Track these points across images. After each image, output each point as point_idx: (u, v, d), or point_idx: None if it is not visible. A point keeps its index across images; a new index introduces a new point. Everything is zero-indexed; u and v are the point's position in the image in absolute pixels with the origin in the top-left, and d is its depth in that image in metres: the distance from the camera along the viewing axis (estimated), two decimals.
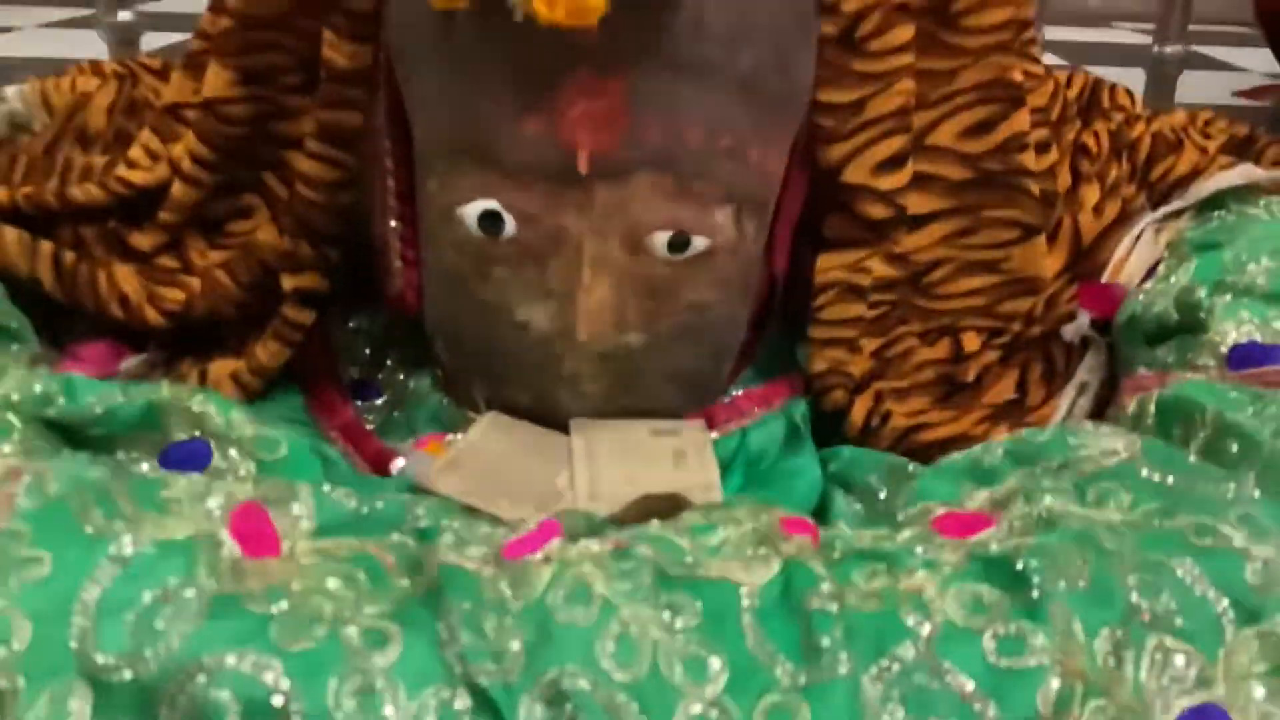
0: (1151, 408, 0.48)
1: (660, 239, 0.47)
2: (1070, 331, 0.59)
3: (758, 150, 0.48)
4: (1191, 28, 0.98)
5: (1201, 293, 0.52)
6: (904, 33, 0.53)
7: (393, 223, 0.54)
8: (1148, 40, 1.03)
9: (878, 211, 0.55)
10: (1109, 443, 0.44)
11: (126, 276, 0.58)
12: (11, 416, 0.42)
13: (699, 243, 0.47)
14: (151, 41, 0.98)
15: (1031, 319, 0.60)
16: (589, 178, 0.45)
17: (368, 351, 0.60)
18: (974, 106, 0.58)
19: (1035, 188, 0.59)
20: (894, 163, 0.55)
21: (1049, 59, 1.08)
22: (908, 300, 0.59)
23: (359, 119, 0.52)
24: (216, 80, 0.57)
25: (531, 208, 0.46)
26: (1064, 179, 0.72)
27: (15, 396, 0.41)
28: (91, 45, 0.98)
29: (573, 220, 0.46)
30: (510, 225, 0.46)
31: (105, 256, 0.60)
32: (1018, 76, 0.58)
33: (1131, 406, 0.49)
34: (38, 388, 0.42)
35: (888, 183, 0.55)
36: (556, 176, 0.45)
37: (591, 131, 0.44)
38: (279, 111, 0.58)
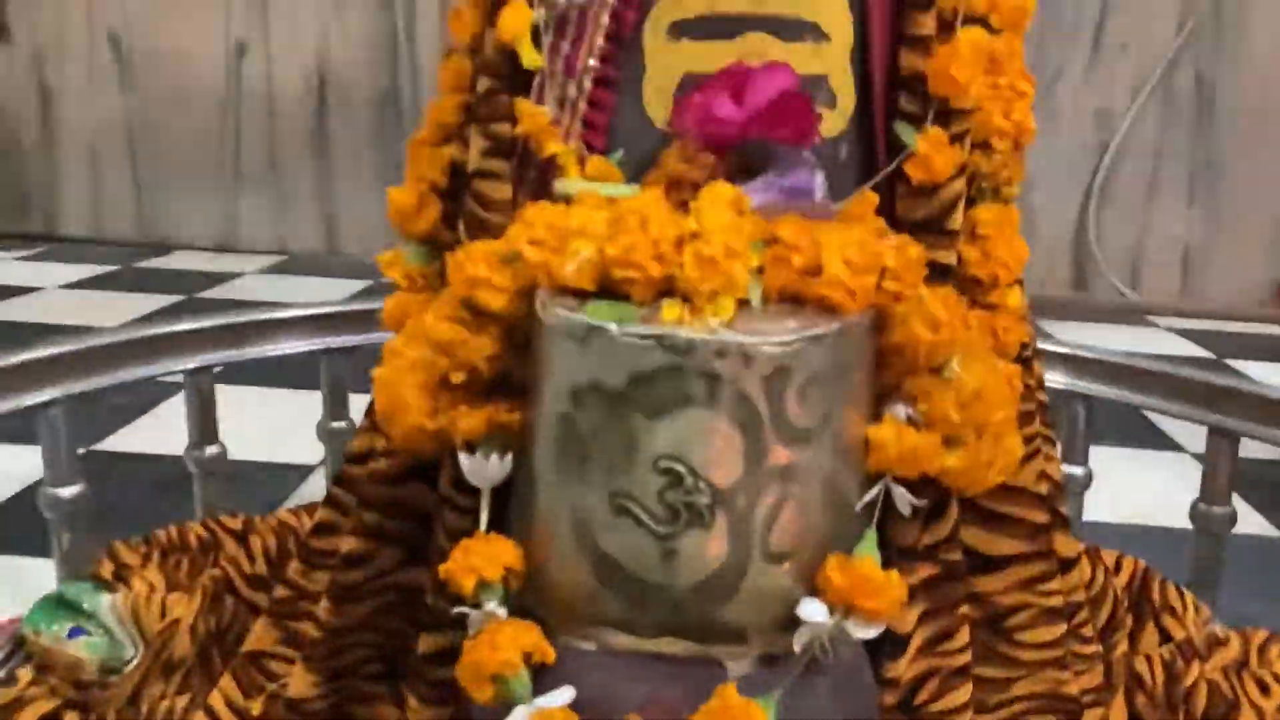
0: None
1: None
2: None
3: None
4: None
5: None
6: (962, 694, 0.56)
7: None
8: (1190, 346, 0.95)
9: None
10: None
11: None
12: None
13: None
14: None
15: None
16: None
17: None
18: (1029, 715, 0.59)
19: None
20: None
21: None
22: None
23: None
24: (301, 683, 0.60)
25: None
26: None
27: None
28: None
29: None
30: None
31: None
32: (1073, 689, 0.60)
33: None
34: None
35: None
36: None
37: None
38: (357, 697, 0.62)
